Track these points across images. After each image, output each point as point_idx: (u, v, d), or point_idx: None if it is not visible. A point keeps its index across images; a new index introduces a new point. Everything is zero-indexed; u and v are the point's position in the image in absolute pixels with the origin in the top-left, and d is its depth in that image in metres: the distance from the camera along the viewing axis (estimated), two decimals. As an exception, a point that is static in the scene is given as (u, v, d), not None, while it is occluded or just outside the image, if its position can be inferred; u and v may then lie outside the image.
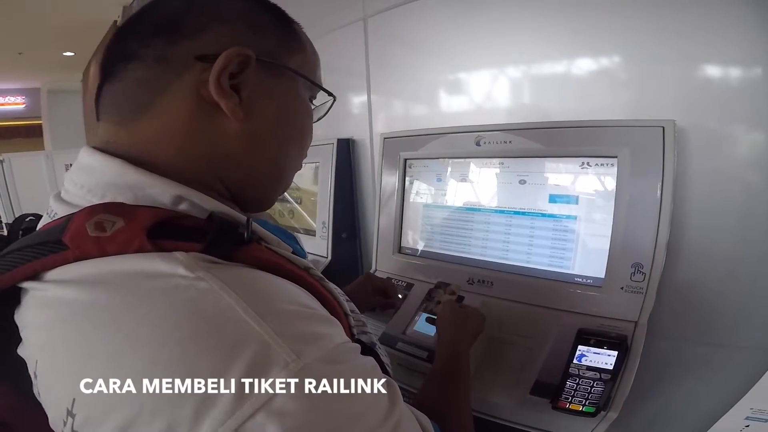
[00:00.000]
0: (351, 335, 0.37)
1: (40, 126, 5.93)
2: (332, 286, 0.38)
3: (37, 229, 0.37)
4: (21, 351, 0.34)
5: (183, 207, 0.34)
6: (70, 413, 0.27)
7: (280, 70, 0.40)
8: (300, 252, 0.39)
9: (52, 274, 0.31)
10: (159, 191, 0.34)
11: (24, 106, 6.43)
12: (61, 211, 0.35)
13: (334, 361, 0.28)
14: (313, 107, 0.46)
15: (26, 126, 6.50)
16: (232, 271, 0.30)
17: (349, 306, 0.40)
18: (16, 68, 4.84)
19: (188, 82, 0.36)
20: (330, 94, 0.47)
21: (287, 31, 0.41)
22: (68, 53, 4.27)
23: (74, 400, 0.27)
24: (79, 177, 0.36)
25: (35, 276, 0.32)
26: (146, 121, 0.36)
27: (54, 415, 0.30)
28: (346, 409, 0.27)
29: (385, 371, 0.37)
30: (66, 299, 0.30)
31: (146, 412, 0.25)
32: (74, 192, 0.36)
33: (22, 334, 0.34)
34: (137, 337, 0.27)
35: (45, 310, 0.31)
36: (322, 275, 0.37)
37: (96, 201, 0.34)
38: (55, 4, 2.90)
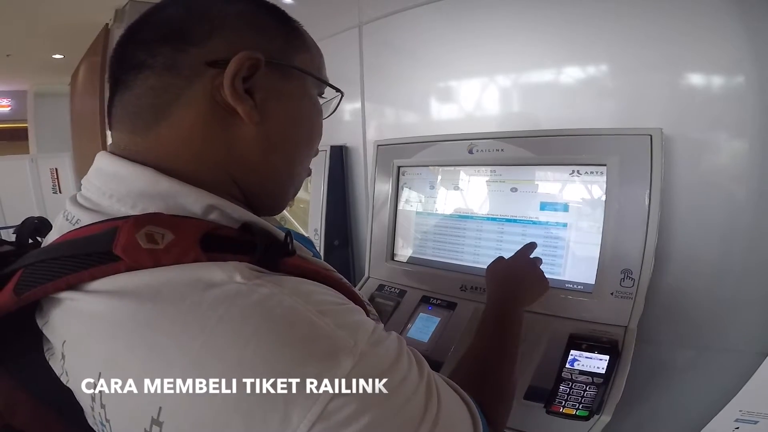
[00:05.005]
0: None
1: (24, 129, 5.81)
2: (348, 282, 0.41)
3: (53, 235, 0.37)
4: (71, 365, 0.33)
5: (213, 216, 0.35)
6: (155, 422, 0.28)
7: (288, 70, 0.40)
8: (317, 255, 0.42)
9: (97, 284, 0.31)
10: (191, 201, 0.34)
11: (9, 108, 6.31)
12: (87, 219, 0.35)
13: (378, 341, 0.32)
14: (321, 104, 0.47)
15: (10, 129, 6.38)
16: (280, 279, 0.32)
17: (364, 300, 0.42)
18: (3, 70, 4.76)
19: (201, 89, 0.36)
20: (337, 90, 0.47)
21: (291, 31, 0.42)
22: (57, 56, 4.21)
23: (161, 408, 0.28)
24: (105, 184, 0.36)
25: (73, 286, 0.32)
26: (162, 128, 0.36)
27: (128, 428, 0.30)
28: (397, 373, 0.31)
29: None
30: (126, 310, 0.30)
31: (238, 411, 0.27)
32: (99, 200, 0.35)
33: (65, 347, 0.33)
34: (216, 342, 0.28)
35: (100, 321, 0.31)
36: (341, 275, 0.40)
37: (126, 209, 0.34)
38: (45, 5, 2.86)
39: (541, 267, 0.74)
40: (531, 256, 0.74)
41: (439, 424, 0.33)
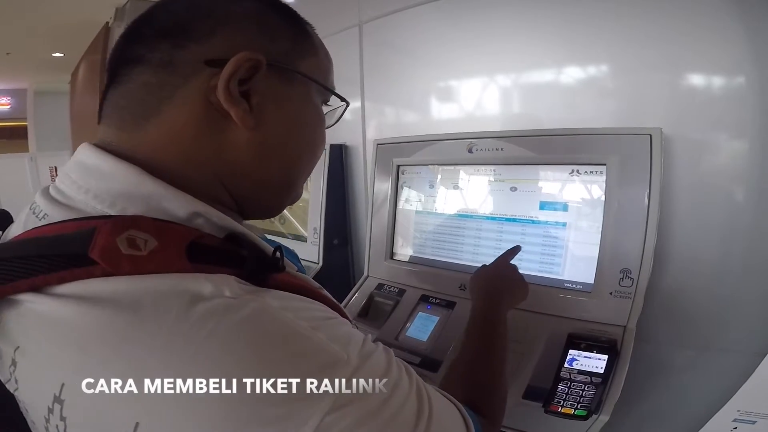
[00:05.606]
0: None
1: (24, 127, 5.81)
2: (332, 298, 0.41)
3: (16, 229, 0.34)
4: (23, 373, 0.30)
5: (198, 222, 0.33)
6: None
7: (291, 74, 0.38)
8: (301, 269, 0.41)
9: (65, 288, 0.29)
10: (176, 206, 0.32)
11: (9, 107, 6.31)
12: (56, 215, 0.32)
13: (369, 353, 0.32)
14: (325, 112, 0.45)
15: (10, 127, 6.38)
16: (270, 295, 0.31)
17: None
18: (3, 68, 4.75)
19: (196, 88, 0.34)
20: (343, 99, 0.45)
21: (300, 33, 0.40)
22: (57, 54, 4.21)
23: (138, 424, 0.26)
24: (82, 178, 0.33)
25: (36, 288, 0.29)
26: (152, 126, 0.35)
27: None
28: (388, 383, 0.31)
29: None
30: (100, 318, 0.27)
31: (228, 429, 0.26)
32: (74, 195, 0.33)
33: (17, 353, 0.30)
34: (204, 358, 0.26)
35: (67, 328, 0.28)
36: (327, 292, 0.40)
37: (102, 208, 0.32)
38: (45, 4, 2.86)
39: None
40: (511, 261, 0.75)
41: (432, 427, 0.33)
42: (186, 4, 0.37)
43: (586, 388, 0.65)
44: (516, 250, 0.77)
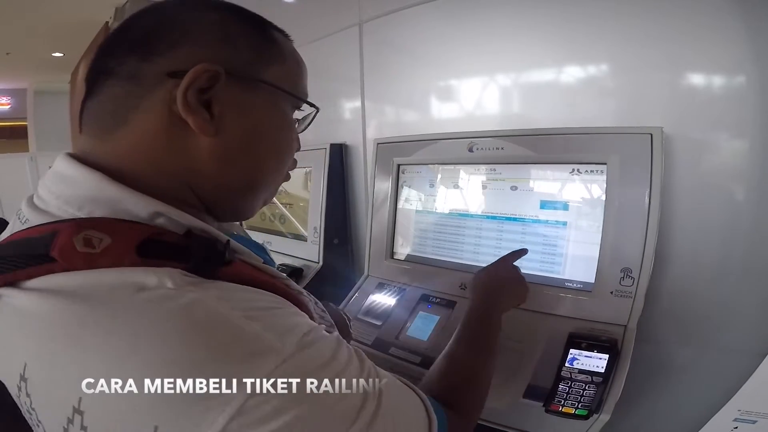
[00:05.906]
0: None
1: (24, 127, 5.82)
2: (299, 287, 0.42)
3: (5, 233, 0.38)
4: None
5: (160, 221, 0.35)
6: (77, 411, 0.29)
7: (254, 83, 0.40)
8: (269, 262, 0.42)
9: (33, 283, 0.32)
10: (138, 207, 0.35)
11: (9, 106, 6.32)
12: (35, 219, 0.35)
13: (309, 343, 0.33)
14: (300, 117, 0.46)
15: (10, 127, 6.39)
16: (211, 285, 0.33)
17: (317, 307, 0.42)
18: (2, 68, 4.76)
19: (160, 99, 0.37)
20: (312, 105, 0.46)
21: (264, 41, 0.41)
22: (57, 54, 4.22)
23: (80, 399, 0.29)
24: (56, 186, 0.37)
25: (10, 283, 0.33)
26: (121, 135, 0.37)
27: (52, 415, 0.32)
28: (327, 374, 0.32)
29: None
30: (57, 307, 0.31)
31: (155, 407, 0.28)
32: (49, 200, 0.36)
33: None
34: (140, 343, 0.29)
35: (29, 316, 0.32)
36: (290, 279, 0.41)
37: (72, 211, 0.35)
38: (45, 4, 2.87)
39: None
40: (514, 263, 0.76)
41: (377, 421, 0.33)
42: (153, 18, 0.39)
43: (586, 388, 0.65)
44: (522, 252, 0.77)
